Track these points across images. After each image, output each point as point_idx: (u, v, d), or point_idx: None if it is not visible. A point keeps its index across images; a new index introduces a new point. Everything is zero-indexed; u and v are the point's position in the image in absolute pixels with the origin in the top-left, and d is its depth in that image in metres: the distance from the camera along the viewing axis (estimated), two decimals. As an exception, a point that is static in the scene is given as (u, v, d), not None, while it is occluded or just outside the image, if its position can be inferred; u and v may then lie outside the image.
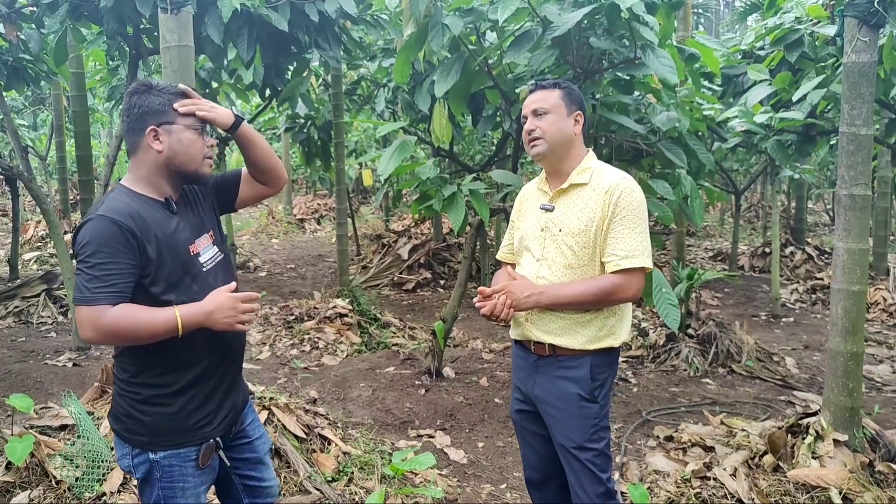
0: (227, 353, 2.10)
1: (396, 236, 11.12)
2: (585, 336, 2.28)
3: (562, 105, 2.30)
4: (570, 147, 2.33)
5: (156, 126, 1.97)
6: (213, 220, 2.20)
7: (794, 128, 4.47)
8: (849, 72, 3.18)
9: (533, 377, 2.39)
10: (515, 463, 3.95)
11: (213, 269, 2.10)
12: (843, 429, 3.28)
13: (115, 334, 1.86)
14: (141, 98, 1.98)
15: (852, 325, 3.25)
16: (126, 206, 1.93)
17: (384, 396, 4.84)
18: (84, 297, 1.85)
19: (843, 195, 3.22)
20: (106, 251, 1.85)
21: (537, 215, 2.40)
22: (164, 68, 3.32)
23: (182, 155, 2.00)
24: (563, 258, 2.29)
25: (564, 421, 2.30)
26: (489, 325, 6.97)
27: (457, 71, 3.77)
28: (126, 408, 2.01)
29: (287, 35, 4.94)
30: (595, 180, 2.29)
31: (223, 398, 2.10)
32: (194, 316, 1.90)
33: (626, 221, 2.23)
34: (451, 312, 5.19)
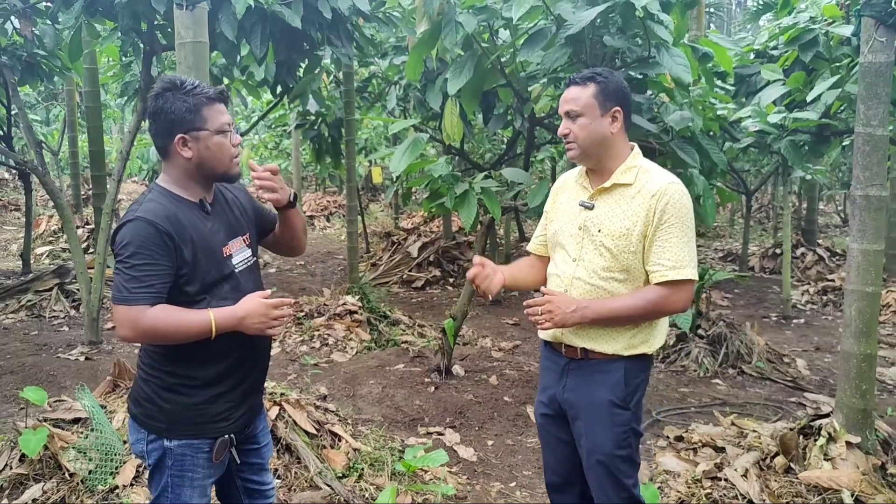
0: (252, 352, 2.13)
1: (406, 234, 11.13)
2: (620, 342, 2.21)
3: (594, 105, 2.16)
4: (609, 147, 2.20)
5: (184, 134, 1.97)
6: (248, 222, 2.22)
7: (807, 128, 4.44)
8: (865, 72, 3.16)
9: (563, 380, 2.31)
10: (525, 461, 3.95)
11: (245, 272, 2.13)
12: (855, 431, 3.27)
13: (153, 334, 1.91)
14: (167, 102, 1.96)
15: (866, 326, 3.24)
16: (163, 208, 1.95)
17: (394, 394, 4.85)
18: (123, 297, 1.88)
19: (859, 196, 3.21)
20: (144, 253, 1.88)
21: (575, 212, 2.29)
22: (178, 64, 3.34)
23: (210, 160, 2.01)
24: (601, 260, 2.20)
25: (594, 426, 2.24)
26: (498, 324, 6.97)
27: (469, 69, 3.77)
28: (148, 392, 2.04)
29: (300, 32, 4.95)
30: (641, 181, 2.18)
31: (243, 396, 2.12)
32: (228, 320, 1.95)
33: (674, 230, 2.13)
34: (461, 310, 5.19)
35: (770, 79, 4.84)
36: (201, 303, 1.99)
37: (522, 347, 6.20)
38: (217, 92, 2.03)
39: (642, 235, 2.16)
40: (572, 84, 2.22)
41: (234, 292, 2.06)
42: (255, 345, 2.12)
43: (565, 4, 3.34)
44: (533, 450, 4.09)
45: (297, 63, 6.03)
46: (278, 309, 2.01)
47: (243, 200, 2.26)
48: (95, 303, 5.45)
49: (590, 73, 2.21)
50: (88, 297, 5.44)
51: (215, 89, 2.03)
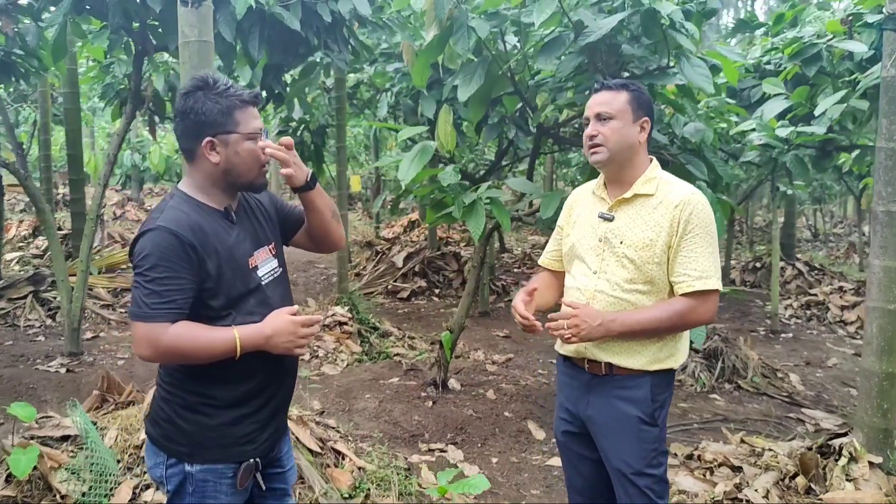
0: (279, 372, 1.98)
1: (388, 243, 10.99)
2: (646, 357, 2.15)
3: (628, 110, 2.13)
4: (634, 155, 2.17)
5: (213, 137, 1.83)
6: (274, 231, 2.08)
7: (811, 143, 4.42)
8: (888, 86, 3.12)
9: (586, 397, 2.24)
10: (532, 480, 3.84)
11: (272, 284, 1.99)
12: (876, 451, 3.21)
13: (173, 353, 1.76)
14: (198, 102, 1.82)
15: (888, 343, 3.19)
16: (186, 216, 1.81)
17: (391, 408, 4.70)
18: (142, 313, 1.73)
19: (881, 212, 3.16)
20: (166, 265, 1.74)
21: (594, 224, 2.24)
22: (182, 64, 3.19)
23: (239, 166, 1.87)
24: (623, 272, 2.14)
25: (621, 444, 2.17)
26: (489, 336, 6.87)
27: (480, 75, 3.67)
28: (168, 412, 1.89)
29: (297, 35, 4.82)
30: (662, 192, 2.14)
31: (269, 418, 1.98)
32: (253, 339, 1.81)
33: (699, 240, 2.08)
34: (459, 323, 5.07)
35: (772, 92, 4.82)
36: (226, 318, 1.85)
37: (515, 360, 6.09)
38: (252, 95, 1.90)
39: (666, 246, 2.11)
40: (604, 89, 2.17)
41: (261, 307, 1.92)
42: (282, 363, 1.99)
43: (585, 11, 3.25)
44: (539, 468, 3.98)
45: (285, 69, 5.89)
46: (307, 327, 1.88)
47: (266, 204, 2.13)
48: (76, 312, 5.22)
49: (622, 81, 2.19)
50: (69, 306, 5.20)
51: (250, 92, 1.90)
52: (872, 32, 4.56)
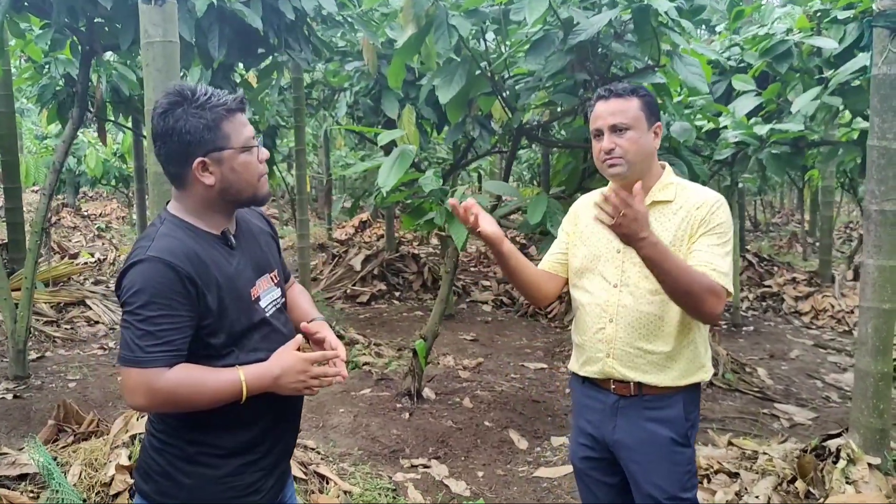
0: (286, 412, 1.79)
1: (341, 245, 10.74)
2: (676, 371, 2.03)
3: (642, 118, 2.01)
4: (652, 163, 2.08)
5: (203, 157, 1.62)
6: (275, 256, 1.88)
7: (786, 140, 4.41)
8: (879, 84, 3.09)
9: (612, 420, 2.10)
10: (522, 493, 3.71)
11: (276, 314, 1.79)
12: (873, 451, 3.19)
13: (173, 402, 1.56)
14: (179, 121, 1.60)
15: (882, 344, 3.16)
16: (181, 244, 1.59)
17: (367, 423, 4.51)
18: (136, 358, 1.52)
19: (874, 210, 3.13)
20: (161, 302, 1.52)
21: (609, 235, 2.05)
22: (146, 66, 2.94)
23: (237, 183, 1.66)
24: (648, 283, 2.00)
25: (654, 469, 2.04)
26: (456, 340, 6.72)
27: (462, 75, 3.51)
28: (162, 465, 1.68)
29: (256, 34, 4.58)
30: (681, 197, 2.05)
31: (275, 464, 1.78)
32: (261, 380, 1.62)
33: (714, 238, 1.98)
34: (433, 330, 4.91)
35: (741, 89, 4.80)
36: (228, 357, 1.65)
37: (486, 365, 5.97)
38: (237, 101, 1.68)
39: (686, 249, 2.00)
40: (613, 97, 2.03)
41: (266, 342, 1.72)
42: (289, 403, 1.79)
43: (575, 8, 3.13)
44: (527, 480, 3.85)
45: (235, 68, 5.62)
46: (319, 364, 1.70)
47: (267, 228, 1.93)
48: (22, 332, 4.86)
49: (630, 86, 2.06)
50: (13, 326, 4.84)
51: (234, 97, 1.67)
52: (841, 28, 4.58)
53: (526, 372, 5.80)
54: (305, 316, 1.95)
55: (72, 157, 14.66)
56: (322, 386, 1.72)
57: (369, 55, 5.79)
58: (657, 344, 2.04)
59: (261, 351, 1.70)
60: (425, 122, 6.58)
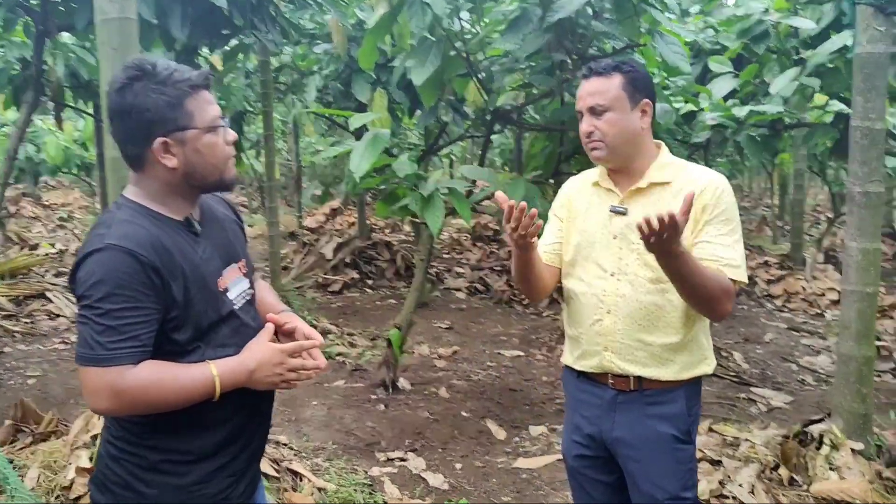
0: (257, 411, 1.67)
1: (312, 233, 10.55)
2: (678, 364, 1.92)
3: (623, 97, 1.88)
4: (639, 144, 1.94)
5: (165, 137, 1.48)
6: (242, 245, 1.75)
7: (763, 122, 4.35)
8: (863, 63, 3.03)
9: (611, 417, 1.99)
10: (501, 486, 3.63)
11: (245, 307, 1.66)
12: (856, 437, 3.16)
13: (141, 403, 1.43)
14: (139, 97, 1.46)
15: (865, 328, 3.12)
16: (143, 231, 1.46)
17: (341, 415, 4.40)
18: (97, 356, 1.38)
19: (857, 192, 3.08)
20: (124, 294, 1.39)
21: (604, 219, 1.98)
22: (101, 45, 2.76)
23: (202, 166, 1.53)
24: (647, 271, 1.90)
25: (654, 467, 1.94)
26: (431, 328, 6.61)
27: (436, 56, 3.37)
28: (122, 475, 1.54)
29: (220, 14, 4.39)
30: (680, 178, 1.92)
31: (245, 467, 1.66)
32: (234, 375, 1.50)
33: (722, 226, 1.86)
34: (407, 319, 4.79)
35: (718, 71, 4.73)
36: (193, 353, 1.52)
37: (462, 353, 5.87)
38: (202, 76, 1.54)
39: (691, 235, 1.87)
40: (593, 75, 1.91)
41: (235, 337, 1.60)
42: (261, 399, 1.67)
43: (554, -16, 3.01)
44: (506, 471, 3.77)
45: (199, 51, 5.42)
46: (296, 356, 1.59)
47: (234, 216, 1.80)
48: (-23, 327, 4.64)
49: (612, 63, 1.92)
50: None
51: (199, 73, 1.54)
52: (818, 9, 4.53)
53: (502, 360, 5.72)
54: (272, 309, 1.83)
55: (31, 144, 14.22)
56: (300, 379, 1.60)
57: (338, 37, 5.63)
58: (658, 335, 1.92)
59: (229, 346, 1.57)
60: (397, 107, 6.44)
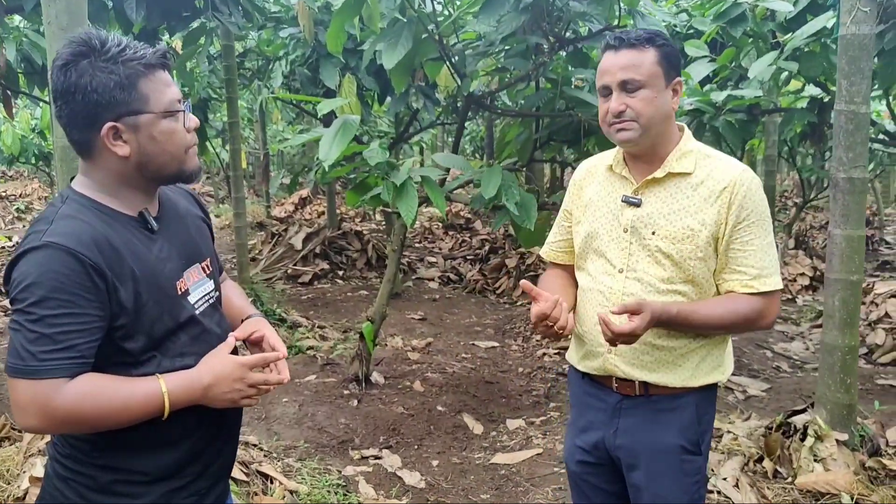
0: (220, 428, 1.52)
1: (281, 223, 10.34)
2: (688, 370, 1.76)
3: (659, 74, 1.67)
4: (668, 126, 1.75)
5: (115, 122, 1.33)
6: (207, 243, 1.60)
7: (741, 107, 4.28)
8: (847, 45, 2.94)
9: (614, 422, 1.84)
10: (479, 482, 3.52)
11: (208, 311, 1.51)
12: (840, 427, 3.10)
13: (75, 421, 1.28)
14: (84, 76, 1.30)
15: (850, 316, 3.06)
16: (88, 228, 1.30)
17: (313, 412, 4.26)
18: (27, 367, 1.23)
19: (842, 178, 3.00)
20: (60, 298, 1.24)
21: (615, 209, 1.81)
22: (47, 24, 2.57)
23: (158, 156, 1.38)
24: (659, 269, 1.75)
25: (658, 478, 1.80)
26: (404, 319, 6.49)
27: (408, 38, 3.22)
28: (71, 497, 1.40)
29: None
30: (703, 169, 1.74)
31: (209, 487, 1.52)
32: (187, 392, 1.36)
33: (755, 229, 1.70)
34: (380, 312, 4.65)
35: (695, 55, 4.65)
36: (148, 364, 1.38)
37: (435, 345, 5.75)
38: (158, 55, 1.39)
39: (712, 238, 1.71)
40: (624, 46, 1.69)
41: (196, 345, 1.45)
42: (223, 417, 1.53)
43: (530, -37, 2.89)
44: (484, 467, 3.67)
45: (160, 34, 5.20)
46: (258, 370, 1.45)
47: (198, 210, 1.65)
48: (-74, 326, 4.40)
49: (647, 33, 1.70)
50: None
51: (154, 51, 1.38)
52: (794, -10, 4.45)
53: (477, 351, 5.61)
54: (239, 313, 1.68)
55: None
56: (261, 394, 1.46)
57: (305, 20, 5.43)
58: (667, 339, 1.76)
59: (189, 356, 1.43)
60: (367, 94, 6.27)
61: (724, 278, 1.75)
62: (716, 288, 1.78)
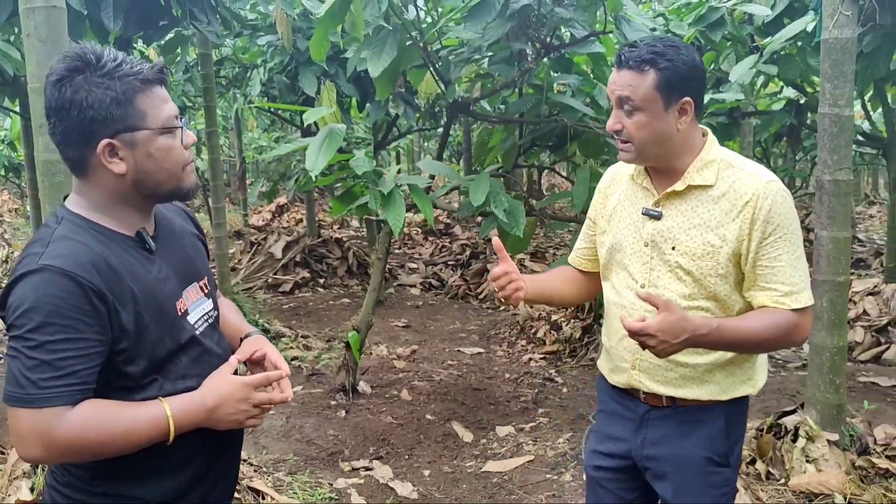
0: (225, 448, 1.49)
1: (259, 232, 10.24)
2: (716, 385, 1.72)
3: (656, 99, 1.60)
4: (676, 144, 1.67)
5: (111, 139, 1.29)
6: (204, 261, 1.56)
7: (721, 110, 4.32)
8: (830, 49, 2.97)
9: (642, 432, 1.80)
10: (472, 491, 3.50)
11: (207, 332, 1.47)
12: (830, 427, 3.12)
13: (78, 450, 1.24)
14: (80, 92, 1.27)
15: (838, 317, 3.09)
16: (86, 249, 1.26)
17: (301, 424, 4.21)
18: (27, 396, 1.20)
19: (827, 180, 3.03)
20: (60, 323, 1.20)
21: (637, 222, 1.76)
22: (26, 37, 2.51)
23: (155, 173, 1.34)
24: (680, 286, 1.69)
25: (685, 489, 1.75)
26: (388, 327, 6.44)
27: (393, 46, 3.20)
28: None
29: (156, 4, 4.13)
30: (725, 180, 1.66)
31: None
32: (191, 415, 1.32)
33: (783, 244, 1.63)
34: (366, 321, 4.62)
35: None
36: (149, 388, 1.34)
37: (421, 352, 5.72)
38: (155, 70, 1.35)
39: (734, 255, 1.65)
40: (624, 67, 1.64)
41: (197, 366, 1.42)
42: (227, 439, 1.49)
43: (517, -31, 2.88)
44: (476, 476, 3.65)
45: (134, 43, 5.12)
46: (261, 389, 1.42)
47: (193, 227, 1.61)
48: None
49: (648, 54, 1.61)
50: None
51: (152, 66, 1.35)
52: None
53: (463, 357, 5.59)
54: (237, 331, 1.65)
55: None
56: (264, 414, 1.43)
57: (283, 28, 5.38)
58: (692, 356, 1.70)
59: (190, 378, 1.39)
60: (346, 101, 6.23)
61: (753, 295, 1.68)
62: (741, 303, 1.72)
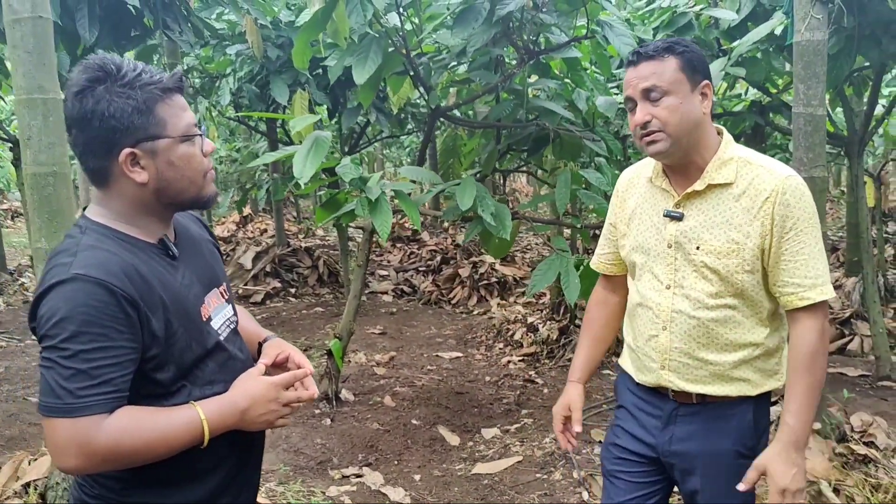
0: (250, 452, 1.49)
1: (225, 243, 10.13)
2: (745, 382, 1.75)
3: (683, 80, 1.62)
4: (702, 133, 1.68)
5: (133, 148, 1.30)
6: (221, 266, 1.57)
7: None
8: (802, 51, 3.08)
9: (670, 429, 1.82)
10: (464, 493, 3.53)
11: (230, 337, 1.48)
12: (813, 416, 3.22)
13: (116, 457, 1.23)
14: (101, 102, 1.27)
15: (816, 310, 3.19)
16: (115, 258, 1.26)
17: (287, 433, 4.18)
18: (65, 406, 1.19)
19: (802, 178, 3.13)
20: (94, 332, 1.19)
21: (659, 224, 1.77)
22: (12, 49, 2.48)
23: (177, 181, 1.35)
24: (706, 285, 1.71)
25: (715, 482, 1.77)
26: (364, 334, 6.43)
27: (377, 53, 3.22)
28: None
29: (129, 13, 4.10)
30: (744, 177, 1.67)
31: None
32: (225, 417, 1.33)
33: (804, 237, 1.65)
34: (347, 328, 4.61)
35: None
36: (178, 394, 1.35)
37: (399, 359, 5.73)
38: (175, 79, 1.36)
39: (759, 250, 1.67)
40: (642, 60, 1.64)
41: (223, 372, 1.42)
42: (254, 441, 1.50)
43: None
44: (466, 478, 3.67)
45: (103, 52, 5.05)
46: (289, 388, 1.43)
47: (207, 236, 1.61)
48: None
49: (664, 43, 1.64)
50: None
51: (171, 75, 1.36)
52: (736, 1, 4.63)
53: (442, 362, 5.62)
54: (254, 336, 1.66)
55: None
56: (293, 413, 1.45)
57: (254, 37, 5.37)
58: (721, 354, 1.74)
59: (217, 383, 1.40)
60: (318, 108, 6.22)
61: (778, 290, 1.71)
62: (766, 299, 1.75)
